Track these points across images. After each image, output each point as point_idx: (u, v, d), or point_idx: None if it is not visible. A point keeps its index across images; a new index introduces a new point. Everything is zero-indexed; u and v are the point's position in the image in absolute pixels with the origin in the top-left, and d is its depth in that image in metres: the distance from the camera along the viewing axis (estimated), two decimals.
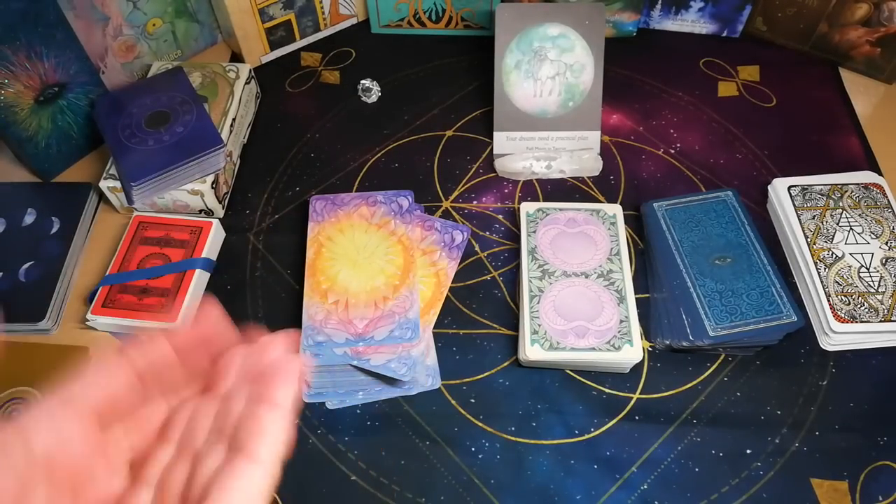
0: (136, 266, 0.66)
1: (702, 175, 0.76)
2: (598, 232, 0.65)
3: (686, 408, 0.60)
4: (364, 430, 0.59)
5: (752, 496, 0.56)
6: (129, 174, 0.66)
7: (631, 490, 0.56)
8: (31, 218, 0.71)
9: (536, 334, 0.59)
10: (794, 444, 0.58)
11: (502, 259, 0.70)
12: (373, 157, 0.78)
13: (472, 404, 0.61)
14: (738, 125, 0.80)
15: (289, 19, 0.85)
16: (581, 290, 0.61)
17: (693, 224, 0.66)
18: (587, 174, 0.76)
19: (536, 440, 0.59)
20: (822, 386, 0.61)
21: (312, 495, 0.56)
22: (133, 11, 0.78)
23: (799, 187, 0.69)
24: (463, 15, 0.88)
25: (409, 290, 0.62)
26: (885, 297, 0.62)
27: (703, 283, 0.62)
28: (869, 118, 0.80)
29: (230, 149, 0.74)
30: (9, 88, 0.67)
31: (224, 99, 0.75)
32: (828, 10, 0.81)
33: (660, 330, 0.63)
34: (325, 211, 0.67)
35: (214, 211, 0.72)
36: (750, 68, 0.85)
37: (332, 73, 0.87)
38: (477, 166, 0.77)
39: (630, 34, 0.88)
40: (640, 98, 0.83)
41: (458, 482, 0.57)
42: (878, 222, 0.66)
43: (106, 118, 0.71)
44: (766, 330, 0.59)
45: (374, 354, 0.58)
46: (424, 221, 0.69)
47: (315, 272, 0.63)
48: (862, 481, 0.56)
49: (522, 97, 0.74)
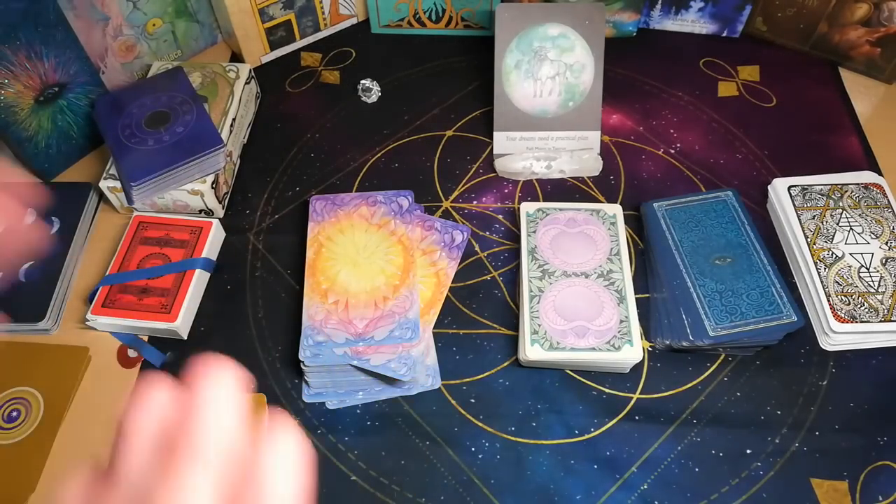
0: (136, 266, 0.66)
1: (702, 175, 0.76)
2: (598, 232, 0.65)
3: (686, 408, 0.60)
4: (364, 430, 0.59)
5: (752, 496, 0.56)
6: (129, 174, 0.66)
7: (631, 490, 0.56)
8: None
9: (536, 334, 0.59)
10: (794, 444, 0.58)
11: (502, 259, 0.70)
12: (373, 157, 0.78)
13: (472, 404, 0.61)
14: (738, 125, 0.80)
15: (289, 19, 0.85)
16: (581, 290, 0.61)
17: (693, 224, 0.66)
18: (587, 174, 0.76)
19: (536, 440, 0.59)
20: (822, 386, 0.61)
21: (312, 495, 0.56)
22: (133, 11, 0.78)
23: (799, 187, 0.69)
24: (463, 15, 0.88)
25: (409, 290, 0.62)
26: (885, 297, 0.62)
27: (703, 283, 0.62)
28: (869, 118, 0.80)
29: (230, 149, 0.74)
30: (9, 88, 0.67)
31: (224, 99, 0.75)
32: (828, 10, 0.81)
33: (660, 330, 0.63)
34: (325, 211, 0.67)
35: (214, 211, 0.72)
36: (750, 68, 0.85)
37: (332, 73, 0.87)
38: (477, 166, 0.77)
39: (630, 34, 0.88)
40: (640, 98, 0.83)
41: (458, 482, 0.57)
42: (878, 222, 0.66)
43: (106, 118, 0.71)
44: (766, 330, 0.59)
45: (374, 354, 0.58)
46: (424, 221, 0.69)
47: (315, 272, 0.63)
48: (862, 481, 0.56)
49: (522, 97, 0.74)
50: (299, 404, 0.61)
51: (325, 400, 0.61)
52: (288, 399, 0.61)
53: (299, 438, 0.25)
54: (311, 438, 0.59)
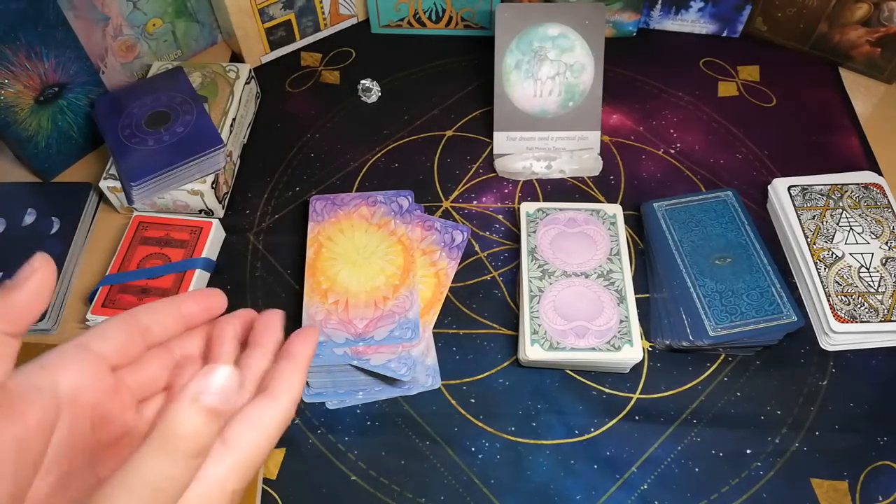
0: (136, 266, 0.66)
1: (702, 175, 0.76)
2: (598, 232, 0.65)
3: (686, 408, 0.60)
4: (364, 430, 0.59)
5: (752, 496, 0.56)
6: (129, 174, 0.66)
7: (631, 490, 0.56)
8: (31, 218, 0.71)
9: (536, 334, 0.59)
10: (794, 444, 0.58)
11: (502, 259, 0.70)
12: (373, 157, 0.78)
13: (472, 404, 0.61)
14: (738, 125, 0.80)
15: (289, 19, 0.85)
16: (581, 290, 0.61)
17: (693, 224, 0.66)
18: (587, 174, 0.76)
19: (536, 440, 0.59)
20: (822, 386, 0.61)
21: (312, 495, 0.56)
22: (133, 11, 0.78)
23: (799, 187, 0.69)
24: (463, 15, 0.88)
25: (409, 290, 0.62)
26: (885, 297, 0.62)
27: (703, 283, 0.62)
28: (869, 118, 0.80)
29: (230, 149, 0.74)
30: (9, 88, 0.67)
31: (224, 99, 0.75)
32: (828, 10, 0.81)
33: (660, 330, 0.63)
34: (325, 211, 0.67)
35: (214, 211, 0.72)
36: (750, 68, 0.85)
37: (332, 73, 0.87)
38: (477, 166, 0.77)
39: (630, 34, 0.88)
40: (640, 98, 0.83)
41: (458, 482, 0.57)
42: (878, 222, 0.66)
43: (106, 118, 0.71)
44: (766, 330, 0.59)
45: (374, 354, 0.58)
46: (424, 221, 0.69)
47: (315, 272, 0.63)
48: (862, 481, 0.56)
49: (522, 97, 0.74)
50: (299, 404, 0.61)
51: (325, 400, 0.61)
52: None
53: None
54: (312, 438, 0.59)
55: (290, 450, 0.58)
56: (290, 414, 0.27)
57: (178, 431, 0.22)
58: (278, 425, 0.27)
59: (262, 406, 0.26)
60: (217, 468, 0.24)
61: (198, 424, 0.22)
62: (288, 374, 0.28)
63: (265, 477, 0.57)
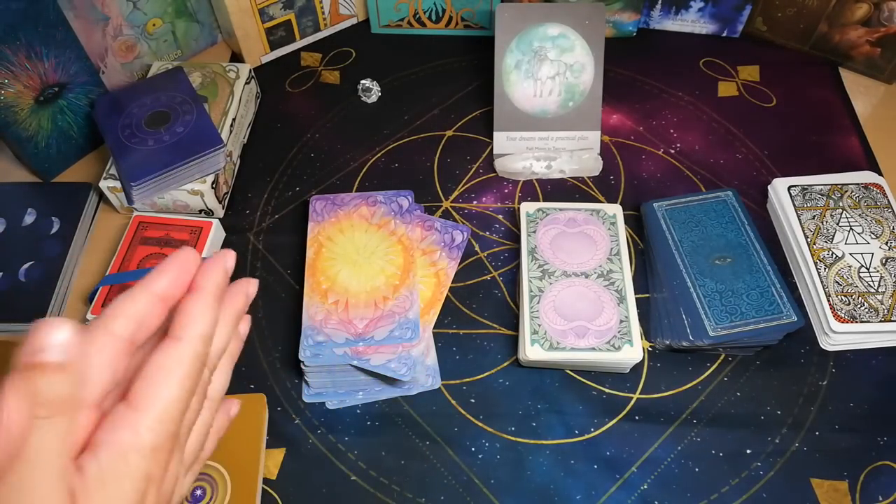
0: (136, 266, 0.66)
1: (702, 175, 0.76)
2: (598, 232, 0.65)
3: (686, 408, 0.60)
4: (364, 430, 0.59)
5: (752, 496, 0.56)
6: (129, 174, 0.66)
7: (631, 490, 0.56)
8: (31, 218, 0.71)
9: (536, 334, 0.59)
10: (794, 444, 0.58)
11: (502, 259, 0.70)
12: (373, 157, 0.78)
13: (472, 404, 0.61)
14: (738, 125, 0.80)
15: (289, 19, 0.85)
16: (581, 290, 0.61)
17: (693, 224, 0.66)
18: (587, 174, 0.76)
19: (536, 440, 0.59)
20: (822, 386, 0.61)
21: (312, 495, 0.56)
22: (133, 11, 0.78)
23: (799, 187, 0.69)
24: (463, 15, 0.88)
25: (409, 290, 0.62)
26: (885, 297, 0.62)
27: (703, 283, 0.62)
28: (869, 118, 0.80)
29: (230, 149, 0.74)
30: (9, 88, 0.67)
31: (224, 99, 0.75)
32: (828, 10, 0.81)
33: (660, 330, 0.63)
34: (325, 211, 0.67)
35: (214, 211, 0.72)
36: (750, 68, 0.85)
37: (332, 73, 0.87)
38: (477, 166, 0.77)
39: (630, 34, 0.88)
40: (640, 98, 0.83)
41: (458, 482, 0.57)
42: (878, 222, 0.66)
43: (106, 118, 0.71)
44: (766, 330, 0.59)
45: (374, 354, 0.58)
46: (424, 221, 0.69)
47: (315, 272, 0.63)
48: (862, 481, 0.56)
49: (522, 97, 0.74)
50: (299, 404, 0.61)
51: (325, 400, 0.61)
52: (288, 399, 0.61)
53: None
54: (311, 438, 0.59)
55: (290, 450, 0.58)
56: (199, 351, 0.26)
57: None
58: (186, 366, 0.26)
59: (163, 352, 0.25)
60: (125, 432, 0.24)
61: (42, 385, 0.22)
62: (189, 309, 0.27)
63: (265, 477, 0.57)
